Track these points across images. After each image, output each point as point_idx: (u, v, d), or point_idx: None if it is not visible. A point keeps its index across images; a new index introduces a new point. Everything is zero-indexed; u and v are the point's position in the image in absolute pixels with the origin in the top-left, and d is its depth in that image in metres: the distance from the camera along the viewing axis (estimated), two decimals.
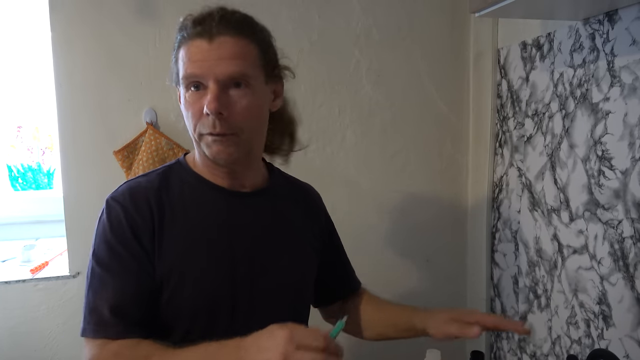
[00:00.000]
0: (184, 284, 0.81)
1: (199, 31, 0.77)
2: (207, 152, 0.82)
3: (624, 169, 1.13)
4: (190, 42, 0.78)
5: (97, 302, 0.78)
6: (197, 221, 0.84)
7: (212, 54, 0.77)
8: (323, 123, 1.60)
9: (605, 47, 1.16)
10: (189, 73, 0.78)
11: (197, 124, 0.80)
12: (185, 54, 0.79)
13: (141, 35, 1.42)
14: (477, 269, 1.72)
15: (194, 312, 0.82)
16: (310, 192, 1.04)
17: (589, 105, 1.22)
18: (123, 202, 0.82)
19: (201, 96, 0.78)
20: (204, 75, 0.77)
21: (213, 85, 0.77)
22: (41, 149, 2.04)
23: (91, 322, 0.78)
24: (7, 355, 1.42)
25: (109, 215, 0.82)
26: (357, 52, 1.60)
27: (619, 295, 1.16)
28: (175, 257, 0.81)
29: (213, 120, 0.78)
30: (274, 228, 0.91)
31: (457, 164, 1.74)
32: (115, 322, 0.77)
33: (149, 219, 0.81)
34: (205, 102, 0.77)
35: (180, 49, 0.80)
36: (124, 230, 0.80)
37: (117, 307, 0.77)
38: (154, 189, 0.84)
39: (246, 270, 0.86)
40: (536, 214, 1.42)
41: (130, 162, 1.41)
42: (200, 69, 0.77)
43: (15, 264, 1.55)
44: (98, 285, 0.80)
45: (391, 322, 0.99)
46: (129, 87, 1.42)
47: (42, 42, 1.52)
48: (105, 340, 0.77)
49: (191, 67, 0.78)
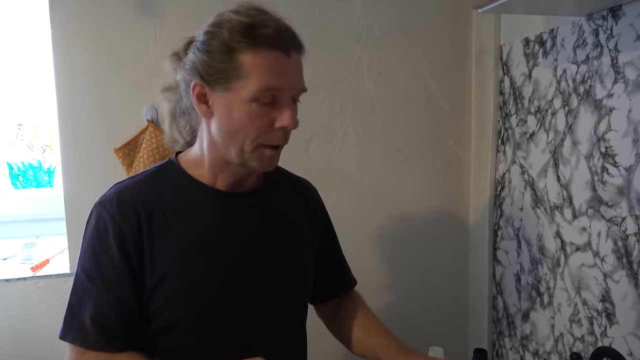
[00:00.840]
0: (180, 287, 0.80)
1: (277, 42, 0.75)
2: (256, 163, 0.81)
3: (627, 165, 1.12)
4: (267, 52, 0.74)
5: (79, 309, 0.79)
6: (191, 224, 0.83)
7: (291, 69, 0.77)
8: (324, 120, 1.59)
9: (609, 43, 1.15)
10: (271, 85, 0.75)
11: (261, 136, 0.78)
12: (262, 63, 0.74)
13: (141, 32, 1.41)
14: (479, 267, 1.71)
15: (190, 316, 0.81)
16: (307, 187, 1.03)
17: (592, 101, 1.21)
18: (110, 208, 0.80)
19: (272, 109, 0.77)
20: (285, 89, 0.76)
21: (290, 101, 0.78)
22: (42, 146, 2.04)
23: (72, 329, 0.78)
24: (8, 353, 1.42)
25: (97, 221, 0.81)
26: (358, 49, 1.59)
27: (622, 292, 1.15)
28: (170, 261, 0.80)
29: (286, 134, 0.79)
30: (271, 227, 0.90)
31: (459, 161, 1.73)
32: (95, 333, 0.77)
33: (137, 226, 0.79)
34: (276, 115, 0.77)
35: (246, 53, 0.74)
36: (109, 241, 0.79)
37: (97, 319, 0.77)
38: (142, 194, 0.82)
39: (243, 272, 0.85)
40: (539, 211, 1.42)
41: (131, 159, 1.41)
42: (282, 82, 0.76)
43: (16, 262, 1.55)
44: (81, 292, 0.79)
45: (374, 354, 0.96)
46: (129, 85, 1.42)
47: (43, 40, 1.52)
48: (83, 349, 0.78)
49: (274, 80, 0.75)
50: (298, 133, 1.53)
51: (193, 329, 0.81)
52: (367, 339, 0.98)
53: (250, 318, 0.85)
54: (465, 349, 1.73)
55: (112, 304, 0.78)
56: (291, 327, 0.94)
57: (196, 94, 0.79)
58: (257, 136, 0.77)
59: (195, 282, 0.81)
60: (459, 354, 1.20)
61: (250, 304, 0.85)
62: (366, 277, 1.12)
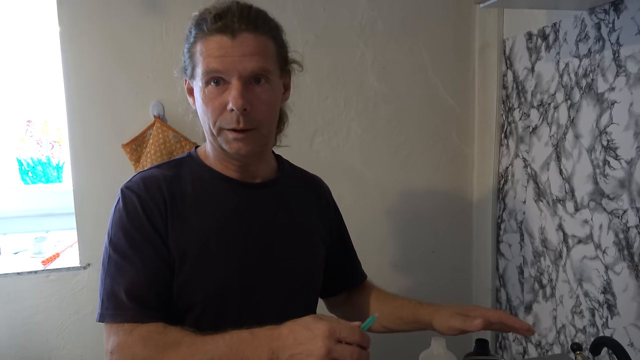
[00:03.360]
0: (199, 272, 0.83)
1: (220, 27, 0.78)
2: (226, 147, 0.84)
3: (629, 158, 1.13)
4: (211, 38, 0.79)
5: (114, 287, 0.79)
6: (209, 211, 0.86)
7: (235, 50, 0.78)
8: (328, 115, 1.61)
9: (611, 36, 1.16)
10: (211, 68, 0.79)
11: (218, 119, 0.81)
12: (206, 49, 0.79)
13: (148, 28, 1.43)
14: (482, 260, 1.72)
15: (205, 299, 0.84)
16: (320, 185, 1.06)
17: (594, 95, 1.22)
18: (137, 190, 0.84)
19: (222, 91, 0.80)
20: (227, 71, 0.78)
21: (237, 81, 0.79)
22: (50, 142, 2.06)
23: (109, 308, 0.79)
24: (21, 345, 1.45)
25: (124, 203, 0.83)
26: (362, 45, 1.60)
27: (623, 284, 1.16)
28: (187, 245, 0.83)
29: (237, 115, 0.79)
30: (283, 218, 0.93)
31: (462, 155, 1.74)
32: (132, 305, 0.78)
33: (162, 206, 0.83)
34: (228, 97, 0.79)
35: (198, 43, 0.81)
36: (140, 216, 0.82)
37: (133, 291, 0.78)
38: (166, 179, 0.86)
39: (257, 259, 0.87)
40: (541, 205, 1.43)
41: (138, 155, 1.43)
42: (223, 64, 0.78)
43: (27, 255, 1.58)
44: (115, 271, 0.80)
45: (397, 315, 0.99)
46: (136, 81, 1.44)
47: (51, 37, 1.54)
48: (132, 324, 0.77)
49: (213, 63, 0.78)
50: (302, 128, 1.57)
51: (209, 312, 0.84)
52: (386, 307, 1.00)
53: (265, 303, 0.88)
54: (469, 340, 1.74)
55: (149, 276, 0.80)
56: (303, 312, 0.96)
57: (187, 89, 0.89)
58: (215, 119, 0.81)
59: (214, 267, 0.84)
60: (462, 345, 1.22)
61: (265, 289, 0.88)
62: (370, 269, 1.14)
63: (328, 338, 0.64)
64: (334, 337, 0.64)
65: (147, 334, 0.76)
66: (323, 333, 0.65)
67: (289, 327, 0.69)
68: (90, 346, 1.49)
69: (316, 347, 0.64)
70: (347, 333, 0.65)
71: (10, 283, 1.43)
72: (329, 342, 0.64)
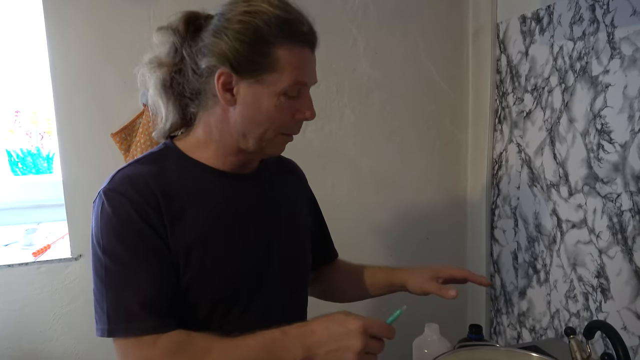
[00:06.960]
0: (202, 269, 0.79)
1: (310, 38, 0.80)
2: (270, 150, 0.85)
3: (623, 142, 1.12)
4: (301, 48, 0.79)
5: (121, 301, 0.74)
6: (203, 205, 0.82)
7: (314, 64, 0.83)
8: (321, 102, 1.59)
9: (605, 18, 1.14)
10: (300, 80, 0.79)
11: (283, 127, 0.82)
12: (296, 59, 0.78)
13: (136, 16, 1.40)
14: (476, 246, 1.72)
15: (214, 297, 0.81)
16: (296, 168, 1.07)
17: (588, 78, 1.21)
18: (125, 192, 0.76)
19: (295, 102, 0.81)
20: (309, 84, 0.82)
21: (309, 94, 0.83)
22: (40, 133, 2.04)
23: (119, 321, 0.73)
24: (13, 337, 1.44)
25: (112, 207, 0.75)
26: (354, 30, 1.58)
27: (617, 268, 1.16)
28: (189, 243, 0.78)
29: (301, 124, 0.85)
30: (275, 205, 0.92)
31: (456, 140, 1.73)
32: (146, 316, 0.73)
33: (156, 205, 0.77)
34: (297, 106, 0.81)
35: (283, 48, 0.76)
36: (134, 220, 0.75)
37: (147, 302, 0.73)
38: (153, 175, 0.80)
39: (258, 250, 0.86)
40: (535, 190, 1.42)
41: (128, 144, 1.41)
42: (310, 79, 0.82)
43: (18, 247, 1.57)
44: (117, 282, 0.74)
45: (369, 282, 1.04)
46: (124, 69, 1.41)
47: (37, 26, 1.51)
48: (152, 336, 0.72)
49: (304, 76, 0.80)
50: None
51: (219, 309, 0.82)
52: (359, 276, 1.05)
53: (272, 294, 0.87)
54: (464, 326, 1.75)
55: (157, 282, 0.75)
56: (301, 296, 0.97)
57: (222, 82, 0.77)
58: (280, 126, 0.81)
59: (219, 264, 0.81)
60: (457, 331, 1.22)
61: (270, 279, 0.87)
62: (364, 257, 1.14)
63: (363, 334, 0.67)
64: (368, 332, 0.68)
65: (172, 345, 0.72)
66: (358, 329, 0.67)
67: (321, 324, 0.70)
68: (83, 337, 1.48)
69: (353, 342, 0.67)
70: (378, 329, 0.69)
71: (1, 275, 1.42)
72: (364, 337, 0.67)
